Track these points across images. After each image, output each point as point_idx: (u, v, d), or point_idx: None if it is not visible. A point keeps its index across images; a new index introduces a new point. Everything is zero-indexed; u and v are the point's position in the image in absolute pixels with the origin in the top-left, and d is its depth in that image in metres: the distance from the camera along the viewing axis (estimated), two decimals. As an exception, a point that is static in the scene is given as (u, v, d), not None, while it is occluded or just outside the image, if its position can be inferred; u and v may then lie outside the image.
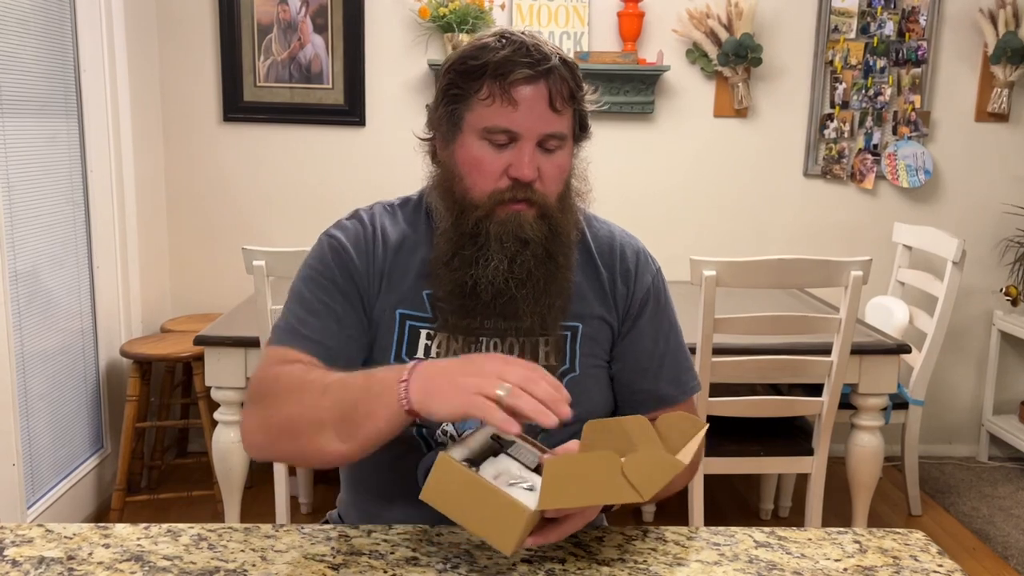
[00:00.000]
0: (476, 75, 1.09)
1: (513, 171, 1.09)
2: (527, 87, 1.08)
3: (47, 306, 2.59)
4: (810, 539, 1.05)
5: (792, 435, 2.50)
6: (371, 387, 0.97)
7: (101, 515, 2.83)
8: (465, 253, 1.11)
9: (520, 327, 1.13)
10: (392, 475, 1.17)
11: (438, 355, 1.14)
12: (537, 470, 1.00)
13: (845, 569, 0.98)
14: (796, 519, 2.91)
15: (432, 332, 1.15)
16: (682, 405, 1.23)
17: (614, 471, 0.89)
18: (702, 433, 1.01)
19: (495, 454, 1.00)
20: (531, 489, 0.96)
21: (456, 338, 1.15)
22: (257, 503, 2.83)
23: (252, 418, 1.09)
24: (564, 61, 1.10)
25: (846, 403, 2.43)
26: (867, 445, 2.46)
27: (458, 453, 0.96)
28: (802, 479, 2.69)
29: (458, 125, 1.12)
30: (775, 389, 2.69)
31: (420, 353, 1.15)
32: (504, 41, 1.09)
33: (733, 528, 1.07)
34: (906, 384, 2.88)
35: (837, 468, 2.67)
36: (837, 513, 2.83)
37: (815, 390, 2.37)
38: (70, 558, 0.97)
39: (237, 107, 3.19)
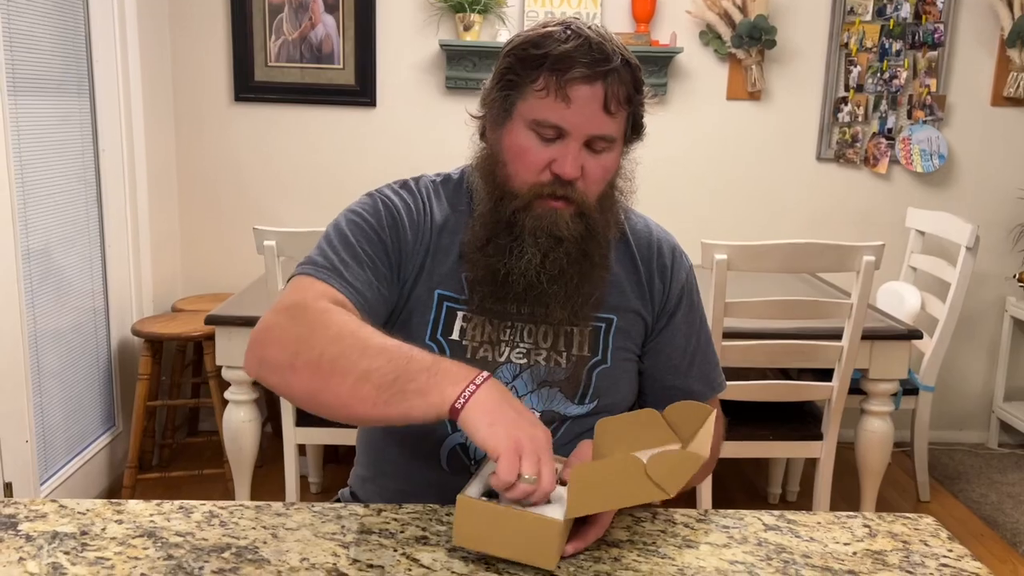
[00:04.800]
0: (535, 65, 1.06)
1: (556, 167, 1.07)
2: (583, 86, 1.05)
3: (59, 285, 2.60)
4: (819, 523, 1.05)
5: (801, 420, 2.49)
6: (438, 370, 0.93)
7: (113, 492, 2.86)
8: (499, 241, 1.10)
9: (553, 318, 1.13)
10: (413, 452, 1.17)
11: (472, 337, 1.14)
12: (558, 481, 1.00)
13: (854, 553, 0.98)
14: (804, 503, 2.91)
15: (468, 314, 1.15)
16: (709, 403, 1.23)
17: (638, 473, 0.89)
18: (712, 419, 1.01)
19: None
20: (557, 500, 0.96)
21: (491, 321, 1.14)
22: (267, 482, 2.85)
23: (281, 332, 1.01)
24: (627, 63, 1.08)
25: (856, 388, 2.43)
26: (877, 431, 2.46)
27: (475, 490, 0.96)
28: (810, 464, 2.69)
29: (509, 112, 1.10)
30: (784, 374, 2.68)
31: (455, 334, 1.15)
32: (569, 33, 1.06)
33: (742, 511, 1.07)
34: (917, 370, 2.87)
35: (845, 453, 2.66)
36: (845, 498, 2.83)
37: (825, 375, 2.37)
38: (83, 533, 0.98)
39: (248, 87, 3.18)
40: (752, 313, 2.26)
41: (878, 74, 3.23)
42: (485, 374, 0.94)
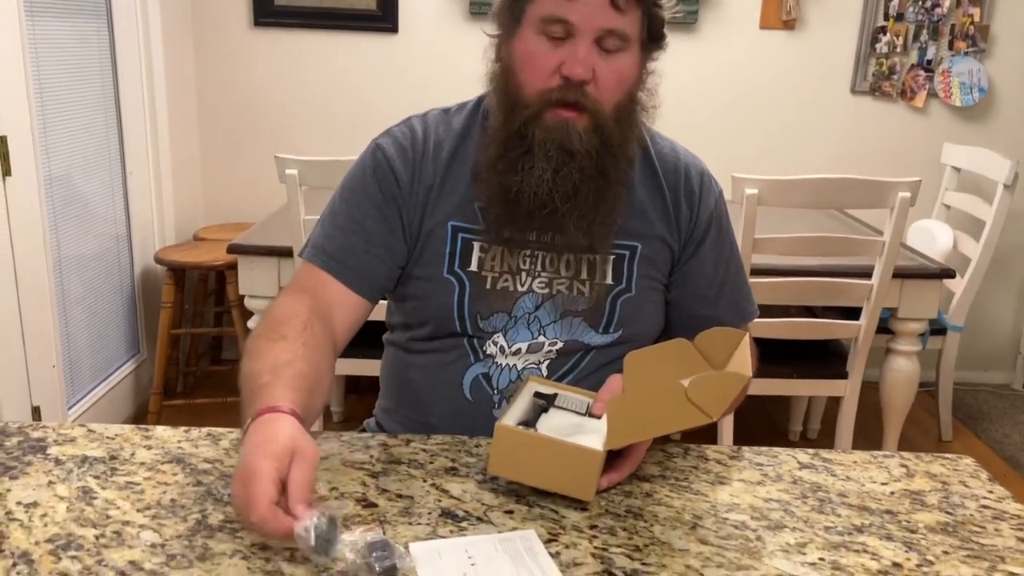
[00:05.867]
0: None
1: (566, 68, 1.02)
2: None
3: (82, 211, 2.59)
4: (855, 462, 1.03)
5: (825, 358, 2.47)
6: (246, 406, 0.91)
7: (139, 418, 2.90)
8: (511, 155, 1.06)
9: (573, 244, 1.09)
10: (436, 383, 1.16)
11: (492, 267, 1.12)
12: (587, 414, 0.98)
13: (892, 493, 0.97)
14: (825, 442, 2.90)
15: (486, 244, 1.12)
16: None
17: (679, 398, 0.87)
18: (746, 342, 0.98)
19: (544, 411, 0.98)
20: (592, 432, 0.94)
21: (510, 251, 1.11)
22: (290, 410, 2.88)
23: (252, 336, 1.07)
24: None
25: (883, 327, 2.39)
26: (903, 370, 2.43)
27: (511, 418, 0.94)
28: (832, 403, 2.68)
29: (519, 18, 1.06)
30: (809, 312, 2.65)
31: (474, 266, 1.12)
32: None
33: (776, 448, 1.06)
34: (945, 310, 2.82)
35: (868, 392, 2.64)
36: (866, 437, 2.82)
37: (850, 313, 2.33)
38: (112, 458, 0.97)
39: (268, 11, 3.11)
40: (781, 249, 2.21)
41: (919, 2, 3.10)
42: (256, 420, 0.87)
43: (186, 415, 2.92)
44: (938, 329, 2.83)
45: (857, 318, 2.29)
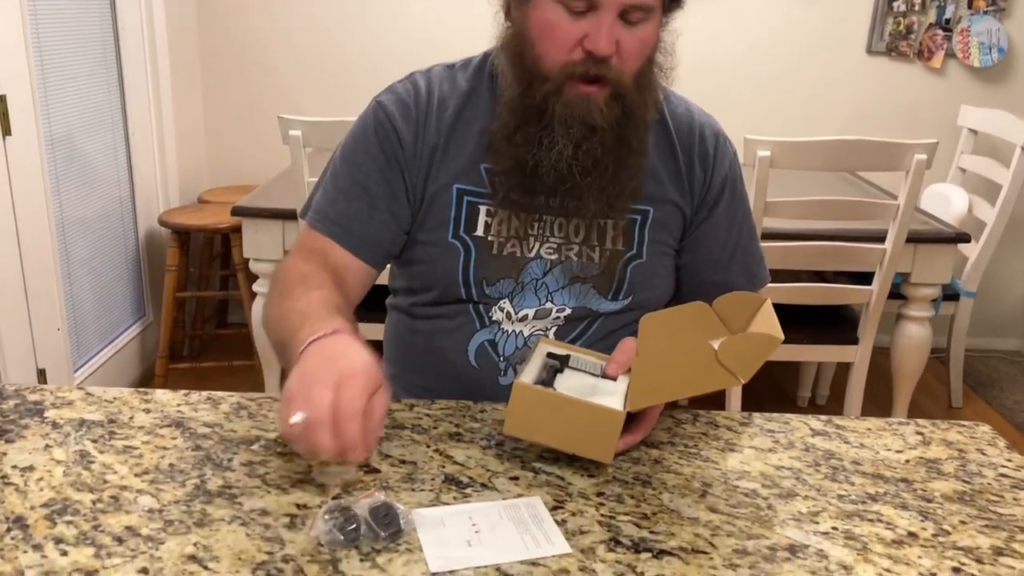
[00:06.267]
0: None
1: (589, 43, 0.96)
2: None
3: (84, 172, 2.56)
4: (869, 429, 1.01)
5: (835, 324, 2.44)
6: (293, 339, 0.89)
7: (145, 381, 2.89)
8: (529, 130, 1.02)
9: (585, 210, 1.06)
10: (440, 348, 1.13)
11: (499, 232, 1.08)
12: (602, 376, 0.96)
13: (907, 461, 0.94)
14: (834, 408, 2.88)
15: (492, 208, 1.08)
16: None
17: (708, 360, 0.84)
18: (770, 307, 0.95)
19: (558, 372, 0.95)
20: (610, 393, 0.91)
21: (517, 215, 1.08)
22: (296, 374, 2.87)
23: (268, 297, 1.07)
24: None
25: (895, 293, 2.36)
26: (914, 336, 2.40)
27: (528, 377, 0.91)
28: (842, 368, 2.65)
29: None
30: (819, 277, 2.61)
31: (480, 230, 1.09)
32: None
33: (787, 415, 1.03)
34: (958, 275, 2.79)
35: (877, 358, 2.61)
36: (875, 403, 2.80)
37: (860, 279, 2.29)
38: (111, 421, 0.96)
39: (271, -32, 3.05)
40: (793, 213, 2.17)
41: (939, -40, 3.02)
42: (311, 340, 0.85)
43: (192, 378, 2.91)
44: (951, 295, 2.79)
45: (868, 283, 2.26)
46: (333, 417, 0.76)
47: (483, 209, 1.08)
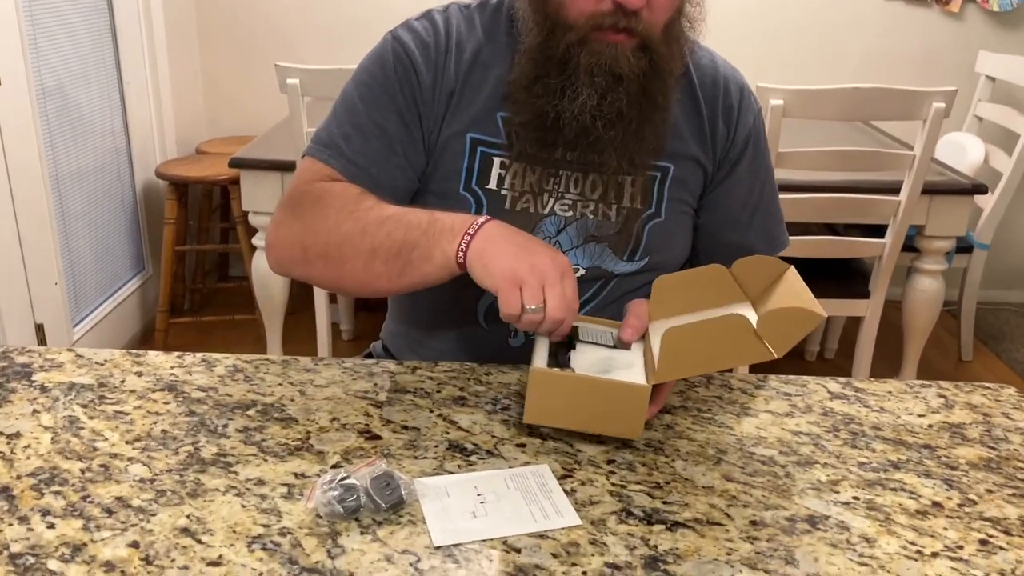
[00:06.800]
0: None
1: None
2: None
3: (77, 123, 2.50)
4: (890, 392, 0.97)
5: (845, 277, 2.39)
6: (434, 230, 0.90)
7: (146, 335, 2.87)
8: (550, 81, 0.95)
9: (606, 165, 1.00)
10: (447, 306, 1.08)
11: (512, 186, 1.02)
12: (615, 345, 0.91)
13: (930, 426, 0.91)
14: (842, 362, 2.85)
15: (507, 161, 1.03)
16: None
17: (744, 334, 0.80)
18: (791, 274, 0.90)
19: (570, 348, 0.90)
20: (627, 366, 0.87)
21: (533, 169, 1.02)
22: (299, 328, 2.84)
23: (286, 231, 1.00)
24: None
25: (907, 246, 2.30)
26: (927, 290, 2.35)
27: (541, 359, 0.86)
28: (851, 322, 2.61)
29: None
30: (829, 230, 2.56)
31: (492, 183, 1.03)
32: None
33: (805, 377, 0.99)
34: (972, 227, 2.73)
35: (886, 311, 2.57)
36: (884, 357, 2.76)
37: (870, 231, 2.24)
38: (101, 385, 0.92)
39: (266, -91, 2.94)
40: (807, 164, 2.11)
41: (961, -102, 2.90)
42: (482, 219, 0.90)
43: (193, 333, 2.89)
44: (963, 247, 2.74)
45: (879, 236, 2.20)
46: (567, 306, 0.84)
47: (497, 161, 1.03)
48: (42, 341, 2.27)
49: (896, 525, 0.74)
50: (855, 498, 0.78)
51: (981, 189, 2.25)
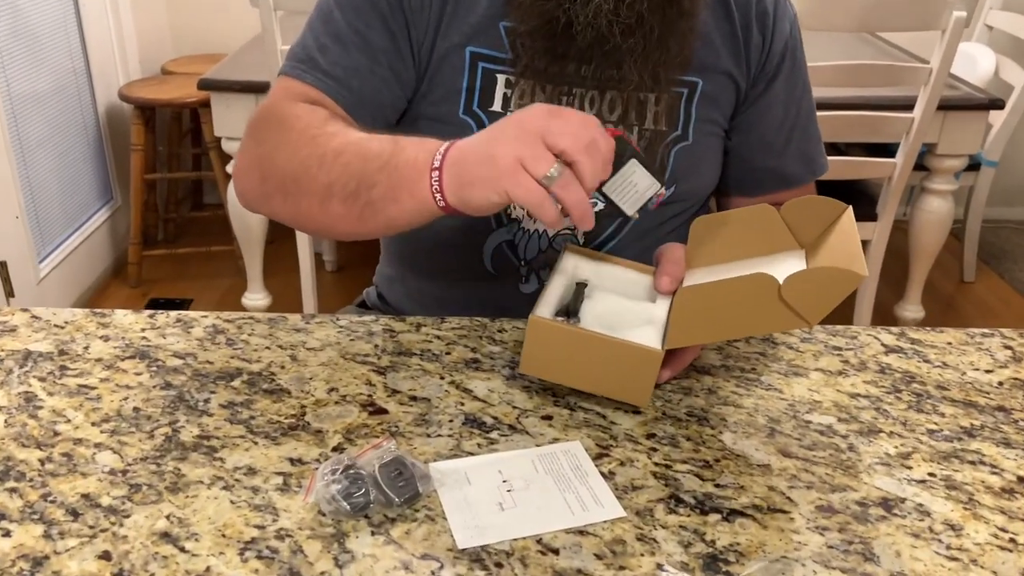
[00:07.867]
0: None
1: None
2: None
3: (31, 43, 2.30)
4: (950, 343, 0.87)
5: (851, 199, 2.27)
6: (397, 166, 0.74)
7: (119, 269, 2.73)
8: None
9: (625, 81, 0.87)
10: (449, 250, 0.96)
11: (519, 107, 0.88)
12: (640, 297, 0.80)
13: (1000, 383, 0.81)
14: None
15: (512, 78, 0.89)
16: (805, 188, 1.01)
17: (769, 297, 0.68)
18: (849, 219, 0.79)
19: (585, 294, 0.79)
20: (646, 323, 0.76)
21: (542, 87, 0.89)
22: (279, 259, 2.70)
23: (245, 158, 0.86)
24: None
25: (916, 164, 2.19)
26: (936, 211, 2.26)
27: (546, 309, 0.75)
28: (857, 244, 2.51)
29: None
30: (834, 149, 2.44)
31: (497, 105, 0.90)
32: None
33: (854, 328, 0.89)
34: (982, 144, 2.62)
35: (891, 233, 2.49)
36: (888, 279, 2.68)
37: (876, 151, 2.12)
38: (62, 353, 0.81)
39: None
40: (817, 80, 1.95)
41: None
42: (443, 147, 0.72)
43: (168, 265, 2.75)
44: (970, 165, 2.63)
45: (882, 156, 2.09)
46: (582, 126, 0.67)
47: (501, 79, 0.89)
48: (6, 280, 2.13)
49: (982, 508, 0.65)
50: (931, 475, 0.68)
51: (998, 104, 2.13)
